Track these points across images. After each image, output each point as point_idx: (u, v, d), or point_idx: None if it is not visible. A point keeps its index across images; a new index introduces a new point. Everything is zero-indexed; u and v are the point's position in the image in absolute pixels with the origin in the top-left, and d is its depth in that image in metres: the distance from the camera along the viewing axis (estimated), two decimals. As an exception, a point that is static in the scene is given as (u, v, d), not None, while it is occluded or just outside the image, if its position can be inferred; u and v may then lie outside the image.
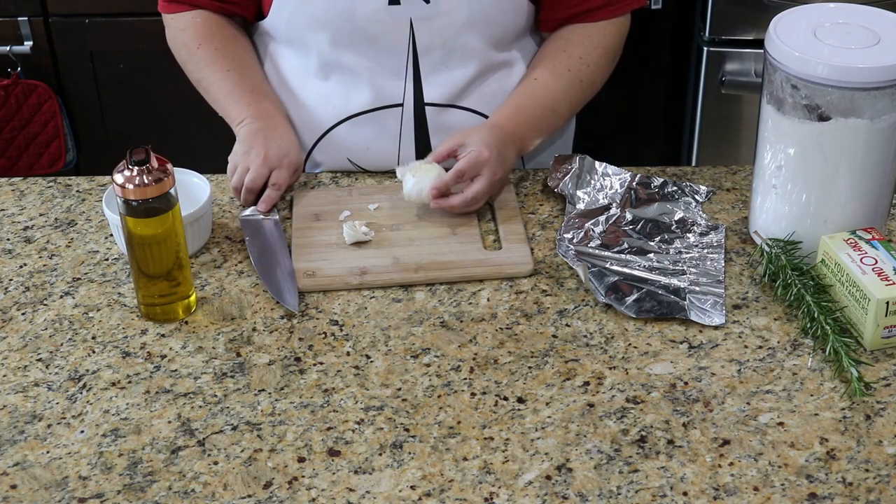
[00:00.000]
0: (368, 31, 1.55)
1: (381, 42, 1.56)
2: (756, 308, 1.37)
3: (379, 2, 1.53)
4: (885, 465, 1.16)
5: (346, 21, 1.54)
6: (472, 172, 1.47)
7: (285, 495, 1.14)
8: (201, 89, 1.63)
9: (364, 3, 1.53)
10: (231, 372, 1.29)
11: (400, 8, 1.53)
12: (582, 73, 1.59)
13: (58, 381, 1.28)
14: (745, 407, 1.23)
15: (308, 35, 1.58)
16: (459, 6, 1.54)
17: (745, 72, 2.43)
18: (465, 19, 1.55)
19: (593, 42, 1.60)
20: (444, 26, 1.55)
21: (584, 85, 1.60)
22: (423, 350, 1.31)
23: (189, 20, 1.62)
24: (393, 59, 1.57)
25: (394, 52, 1.57)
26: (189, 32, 1.62)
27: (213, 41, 1.61)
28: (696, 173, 1.61)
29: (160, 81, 2.56)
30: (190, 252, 1.43)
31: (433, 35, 1.56)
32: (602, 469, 1.16)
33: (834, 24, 1.36)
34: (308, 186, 1.60)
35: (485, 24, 1.57)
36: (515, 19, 1.60)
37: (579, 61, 1.59)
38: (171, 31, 1.65)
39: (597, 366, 1.29)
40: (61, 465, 1.18)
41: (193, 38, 1.61)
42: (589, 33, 1.59)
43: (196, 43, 1.61)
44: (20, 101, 2.54)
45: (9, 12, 2.52)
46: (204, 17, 1.62)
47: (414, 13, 1.54)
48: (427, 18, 1.54)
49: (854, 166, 1.36)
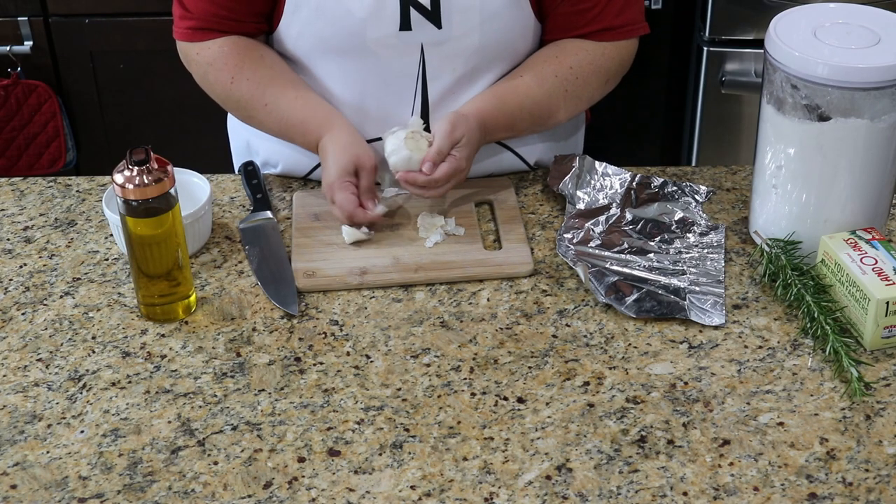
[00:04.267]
0: (378, 56, 1.51)
1: (390, 68, 1.53)
2: (756, 308, 1.37)
3: (390, 26, 1.49)
4: (885, 465, 1.17)
5: (355, 45, 1.50)
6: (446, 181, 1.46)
7: (285, 495, 1.14)
8: (252, 125, 1.60)
9: (374, 27, 1.49)
10: (231, 372, 1.29)
11: (411, 33, 1.50)
12: (569, 83, 1.55)
13: (58, 381, 1.28)
14: (745, 407, 1.23)
15: (314, 57, 1.55)
16: (472, 32, 1.51)
17: (745, 72, 2.43)
18: (477, 45, 1.52)
19: (588, 57, 1.56)
20: (455, 52, 1.52)
21: (569, 96, 1.56)
22: (423, 350, 1.31)
23: (215, 51, 1.54)
24: (401, 86, 1.54)
25: (403, 79, 1.54)
26: (217, 66, 1.54)
27: (244, 70, 1.53)
28: (696, 173, 1.61)
29: (160, 81, 2.56)
30: (190, 252, 1.43)
31: (444, 61, 1.53)
32: (602, 469, 1.16)
33: (834, 24, 1.36)
34: (308, 186, 1.60)
35: (496, 50, 1.54)
36: (526, 43, 1.57)
37: (569, 71, 1.55)
38: (198, 69, 1.57)
39: (597, 366, 1.29)
40: (61, 465, 1.18)
41: (224, 71, 1.54)
42: (586, 47, 1.56)
43: (228, 78, 1.54)
44: (20, 101, 2.54)
45: (9, 12, 2.52)
46: (229, 45, 1.54)
47: (425, 39, 1.51)
48: (438, 44, 1.51)
49: (854, 166, 1.36)
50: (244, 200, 1.58)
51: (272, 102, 1.53)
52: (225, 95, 1.57)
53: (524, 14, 1.54)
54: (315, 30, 1.52)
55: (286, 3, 1.51)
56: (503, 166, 1.64)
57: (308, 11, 1.51)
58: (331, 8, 1.49)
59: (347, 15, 1.48)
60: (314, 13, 1.50)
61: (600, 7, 1.54)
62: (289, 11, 1.52)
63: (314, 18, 1.51)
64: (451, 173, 1.45)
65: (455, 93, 1.56)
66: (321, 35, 1.52)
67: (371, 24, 1.49)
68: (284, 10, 1.52)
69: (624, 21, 1.56)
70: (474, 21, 1.50)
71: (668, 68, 2.64)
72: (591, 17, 1.55)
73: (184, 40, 1.57)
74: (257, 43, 1.57)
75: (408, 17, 1.49)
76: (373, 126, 1.56)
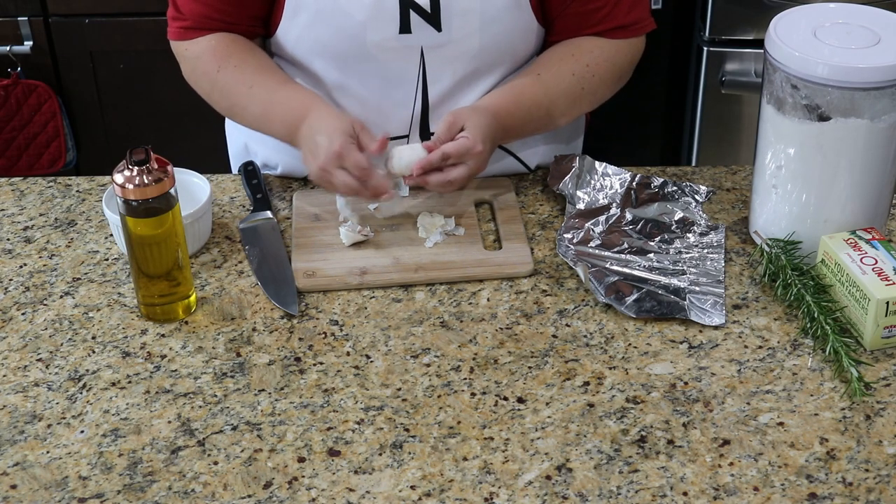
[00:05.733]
0: (378, 59, 1.51)
1: (390, 71, 1.52)
2: (756, 308, 1.37)
3: (389, 30, 1.48)
4: (885, 465, 1.17)
5: (355, 48, 1.50)
6: (459, 159, 1.43)
7: (285, 495, 1.14)
8: (237, 118, 1.57)
9: (374, 30, 1.48)
10: (231, 372, 1.29)
11: (411, 37, 1.49)
12: (585, 81, 1.55)
13: (58, 381, 1.28)
14: (745, 407, 1.23)
15: (314, 60, 1.55)
16: (472, 35, 1.50)
17: (745, 72, 2.43)
18: (478, 48, 1.52)
19: (604, 54, 1.55)
20: (455, 55, 1.52)
21: (585, 94, 1.55)
22: (423, 350, 1.31)
23: (204, 45, 1.54)
24: (401, 89, 1.54)
25: (403, 82, 1.53)
26: (205, 58, 1.54)
27: (231, 59, 1.53)
28: (696, 173, 1.61)
29: (160, 81, 2.56)
30: (190, 252, 1.43)
31: (444, 64, 1.52)
32: (602, 469, 1.16)
33: (834, 24, 1.36)
34: (308, 186, 1.60)
35: (497, 52, 1.54)
36: (526, 46, 1.57)
37: (585, 69, 1.54)
38: (187, 64, 1.58)
39: (597, 366, 1.29)
40: (61, 465, 1.18)
41: (211, 63, 1.54)
42: (601, 45, 1.55)
43: (215, 68, 1.53)
44: (20, 101, 2.54)
45: (9, 12, 2.52)
46: (218, 38, 1.55)
47: (425, 42, 1.50)
48: (438, 47, 1.51)
49: (854, 166, 1.36)
50: (244, 200, 1.58)
51: (257, 84, 1.52)
52: (210, 86, 1.55)
53: (525, 16, 1.53)
54: (314, 34, 1.51)
55: (285, 7, 1.51)
56: (504, 171, 1.63)
57: (307, 15, 1.50)
58: (330, 11, 1.49)
59: (347, 18, 1.48)
60: (313, 17, 1.50)
61: (610, 6, 1.54)
62: (287, 16, 1.52)
63: (313, 22, 1.50)
64: (461, 151, 1.42)
65: (455, 95, 1.56)
66: (320, 39, 1.52)
67: (371, 27, 1.48)
68: (283, 15, 1.52)
69: (634, 18, 1.57)
70: (474, 24, 1.50)
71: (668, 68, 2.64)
72: (602, 17, 1.55)
73: (176, 39, 1.57)
74: (248, 41, 1.57)
75: (407, 20, 1.49)
76: (372, 129, 1.55)
